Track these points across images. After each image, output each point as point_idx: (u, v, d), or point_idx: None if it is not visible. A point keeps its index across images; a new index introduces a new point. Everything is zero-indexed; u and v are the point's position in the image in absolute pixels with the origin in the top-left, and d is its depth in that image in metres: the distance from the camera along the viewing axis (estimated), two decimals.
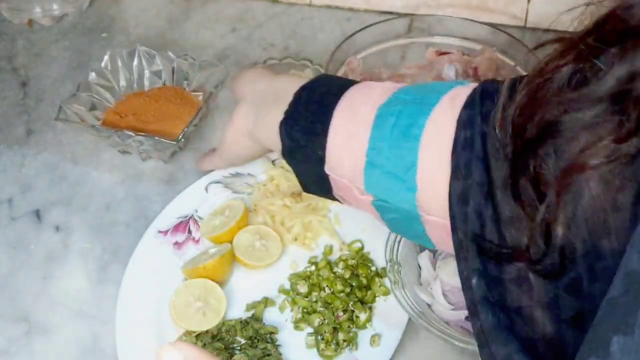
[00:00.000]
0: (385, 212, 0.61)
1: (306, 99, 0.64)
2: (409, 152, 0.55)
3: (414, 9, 1.08)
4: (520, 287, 0.47)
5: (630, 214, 0.41)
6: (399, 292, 0.72)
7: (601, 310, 0.36)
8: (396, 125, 0.57)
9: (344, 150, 0.60)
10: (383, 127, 0.57)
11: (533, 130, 0.45)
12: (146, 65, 0.98)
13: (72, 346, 0.77)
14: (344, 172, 0.61)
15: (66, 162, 0.95)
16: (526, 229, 0.46)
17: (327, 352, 0.74)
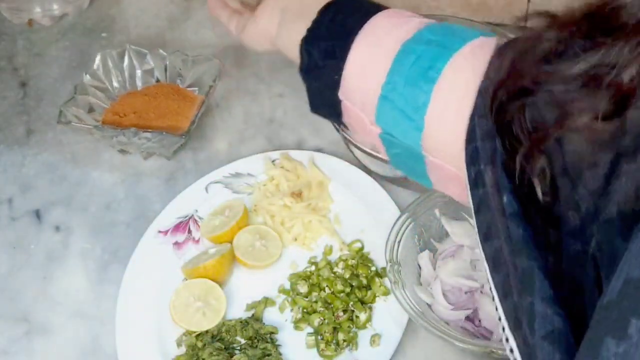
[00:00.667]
0: (390, 147, 0.61)
1: (330, 17, 0.62)
2: (422, 92, 0.56)
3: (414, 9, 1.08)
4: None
5: (606, 169, 0.43)
6: (399, 292, 0.72)
7: (596, 314, 0.37)
8: (415, 64, 0.57)
9: (361, 79, 0.60)
10: (402, 64, 0.57)
11: (510, 90, 0.47)
12: (137, 64, 0.99)
13: (72, 346, 0.77)
14: (357, 101, 0.61)
15: (66, 162, 0.95)
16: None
17: (327, 352, 0.74)
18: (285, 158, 0.90)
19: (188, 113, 0.93)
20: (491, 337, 0.72)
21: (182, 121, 0.92)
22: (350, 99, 0.61)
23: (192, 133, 0.93)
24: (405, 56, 0.57)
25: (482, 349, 0.68)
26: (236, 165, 0.91)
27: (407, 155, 0.60)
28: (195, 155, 0.94)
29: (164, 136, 0.89)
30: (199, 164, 0.93)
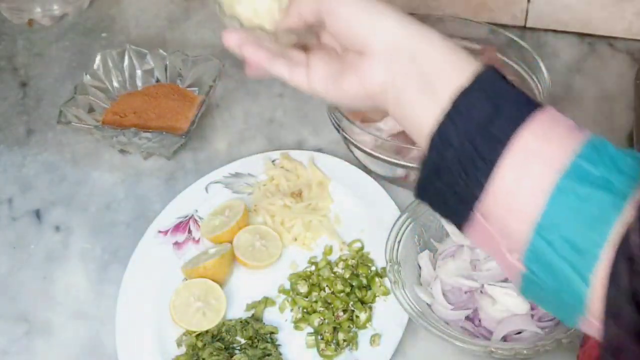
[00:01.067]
0: (533, 287, 0.52)
1: (467, 114, 0.52)
2: (591, 244, 0.48)
3: (414, 9, 1.08)
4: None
5: None
6: (399, 292, 0.72)
7: None
8: (581, 210, 0.48)
9: (509, 205, 0.51)
10: (563, 205, 0.49)
11: None
12: (137, 64, 0.99)
13: (72, 346, 0.77)
14: (498, 226, 0.52)
15: (66, 162, 0.95)
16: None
17: (327, 352, 0.74)
18: (285, 158, 0.90)
19: (188, 113, 0.93)
20: (491, 337, 0.72)
21: (182, 121, 0.92)
22: (489, 219, 0.52)
23: (192, 133, 0.93)
24: (566, 196, 0.49)
25: (482, 349, 0.68)
26: (236, 165, 0.91)
27: (556, 304, 0.52)
28: (195, 155, 0.94)
29: (164, 136, 0.89)
30: (199, 164, 0.94)
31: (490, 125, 0.51)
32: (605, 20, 1.03)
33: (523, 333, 0.71)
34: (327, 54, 0.61)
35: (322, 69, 0.60)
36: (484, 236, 0.54)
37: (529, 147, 0.50)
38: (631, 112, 0.93)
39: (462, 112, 0.52)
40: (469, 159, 0.52)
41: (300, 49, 0.62)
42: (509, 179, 0.50)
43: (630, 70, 1.00)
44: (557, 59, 1.03)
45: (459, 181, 0.53)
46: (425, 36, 0.56)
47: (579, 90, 0.99)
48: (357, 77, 0.57)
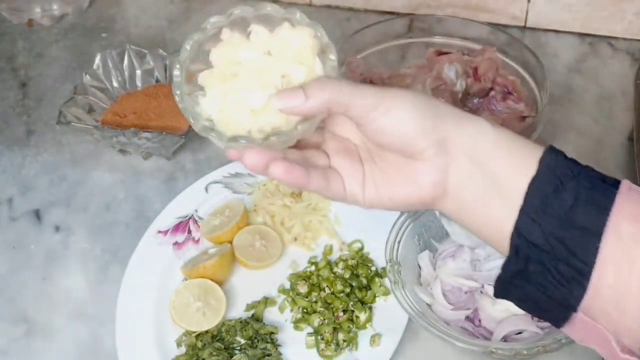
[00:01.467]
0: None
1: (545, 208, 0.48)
2: None
3: (414, 9, 1.08)
4: None
5: None
6: (399, 292, 0.72)
7: None
8: None
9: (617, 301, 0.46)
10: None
11: None
12: (137, 64, 0.99)
13: (72, 346, 0.77)
14: (606, 321, 0.47)
15: (66, 163, 0.95)
16: None
17: (327, 352, 0.74)
18: None
19: None
20: (491, 337, 0.72)
21: (182, 121, 0.92)
22: (590, 313, 0.48)
23: (192, 133, 0.93)
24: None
25: (482, 349, 0.68)
26: (236, 165, 0.91)
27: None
28: (195, 155, 0.94)
29: (163, 136, 0.89)
30: (198, 164, 0.94)
31: (575, 217, 0.47)
32: (605, 20, 1.03)
33: (523, 333, 0.71)
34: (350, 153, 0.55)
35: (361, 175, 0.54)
36: (589, 332, 0.49)
37: (622, 233, 0.46)
38: (631, 112, 0.93)
39: (538, 207, 0.48)
40: (560, 258, 0.47)
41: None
42: (612, 273, 0.46)
43: (630, 70, 1.00)
44: (557, 59, 1.03)
45: (552, 282, 0.48)
46: (480, 131, 0.51)
47: (579, 90, 0.99)
48: (409, 185, 0.53)
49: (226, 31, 0.53)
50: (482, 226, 0.51)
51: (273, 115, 0.50)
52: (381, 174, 0.54)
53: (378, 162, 0.55)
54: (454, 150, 0.51)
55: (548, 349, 0.66)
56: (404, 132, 0.51)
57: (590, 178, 0.48)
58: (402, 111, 0.51)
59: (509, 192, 0.49)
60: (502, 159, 0.50)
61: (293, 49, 0.51)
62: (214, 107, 0.52)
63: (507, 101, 0.88)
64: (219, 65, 0.53)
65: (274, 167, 0.51)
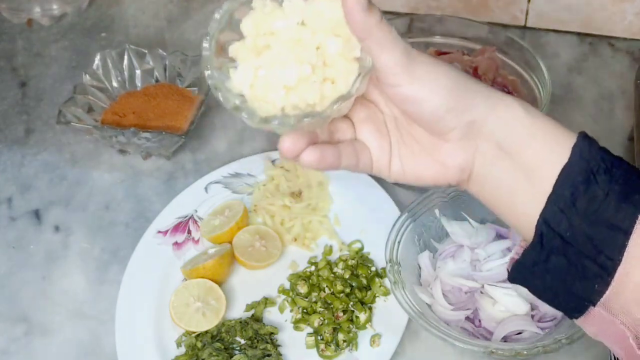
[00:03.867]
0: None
1: (575, 199, 0.47)
2: None
3: (414, 9, 1.08)
4: None
5: None
6: (399, 292, 0.72)
7: None
8: None
9: (638, 297, 0.46)
10: None
11: None
12: (137, 64, 0.99)
13: (72, 346, 0.77)
14: (626, 317, 0.47)
15: (66, 162, 0.95)
16: None
17: (327, 352, 0.74)
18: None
19: (187, 113, 0.93)
20: (491, 338, 0.72)
21: (182, 121, 0.92)
22: (610, 309, 0.47)
23: (192, 133, 0.93)
24: None
25: (482, 349, 0.68)
26: (236, 165, 0.91)
27: None
28: (194, 155, 0.94)
29: (163, 136, 0.89)
30: (198, 164, 0.93)
31: (605, 213, 0.46)
32: (605, 20, 1.03)
33: (523, 333, 0.71)
34: (377, 125, 0.53)
35: (388, 150, 0.53)
36: (606, 327, 0.48)
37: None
38: (631, 112, 0.93)
39: (567, 196, 0.47)
40: (586, 253, 0.46)
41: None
42: (636, 270, 0.45)
43: (630, 70, 1.00)
44: (557, 59, 1.03)
45: (574, 276, 0.47)
46: (510, 114, 0.50)
47: (579, 90, 0.99)
48: (437, 165, 0.51)
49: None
50: (508, 210, 0.50)
51: (307, 91, 0.48)
52: (407, 150, 0.53)
53: (405, 135, 0.53)
54: (484, 134, 0.49)
55: (548, 349, 0.66)
56: (436, 107, 0.49)
57: (623, 172, 0.47)
58: (435, 84, 0.48)
59: (538, 179, 0.48)
60: (533, 146, 0.49)
61: (328, 20, 0.48)
62: (245, 82, 0.49)
63: None
64: (251, 36, 0.50)
65: (307, 155, 0.49)
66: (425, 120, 0.50)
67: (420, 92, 0.48)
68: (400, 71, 0.48)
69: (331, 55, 0.48)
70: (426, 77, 0.49)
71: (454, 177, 0.52)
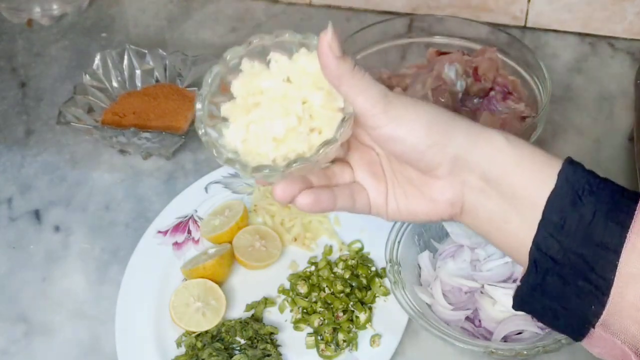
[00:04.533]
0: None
1: (564, 223, 0.47)
2: None
3: (414, 9, 1.08)
4: None
5: None
6: (399, 292, 0.72)
7: None
8: None
9: (635, 315, 0.46)
10: None
11: None
12: (137, 64, 0.99)
13: (72, 346, 0.77)
14: (625, 336, 0.47)
15: (65, 162, 0.95)
16: None
17: (327, 352, 0.74)
18: None
19: (187, 113, 0.93)
20: (491, 338, 0.72)
21: (182, 121, 0.92)
22: (609, 329, 0.48)
23: (192, 133, 0.93)
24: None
25: (482, 349, 0.68)
26: None
27: None
28: (194, 155, 0.94)
29: (163, 136, 0.89)
30: (198, 164, 0.93)
31: (594, 233, 0.46)
32: (605, 20, 1.03)
33: (523, 333, 0.71)
34: (372, 167, 0.55)
35: (383, 191, 0.55)
36: (607, 347, 0.49)
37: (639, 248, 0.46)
38: (631, 112, 0.93)
39: (556, 221, 0.47)
40: (580, 273, 0.47)
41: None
42: (632, 289, 0.46)
43: (630, 70, 1.00)
44: (557, 59, 1.03)
45: (571, 298, 0.48)
46: (494, 147, 0.51)
47: (579, 90, 0.99)
48: (427, 202, 0.53)
49: (246, 61, 0.54)
50: (502, 239, 0.51)
51: (296, 142, 0.51)
52: (401, 189, 0.54)
53: (398, 176, 0.55)
54: (469, 168, 0.51)
55: (548, 349, 0.66)
56: (415, 144, 0.50)
57: (609, 192, 0.48)
58: (413, 122, 0.50)
59: (527, 207, 0.49)
60: (519, 176, 0.50)
61: (311, 75, 0.51)
62: (237, 138, 0.53)
63: (507, 101, 0.88)
64: (241, 96, 0.53)
65: (301, 198, 0.52)
66: (410, 158, 0.52)
67: (398, 130, 0.50)
68: (378, 112, 0.50)
69: (316, 108, 0.51)
70: (404, 116, 0.50)
71: (446, 212, 0.53)
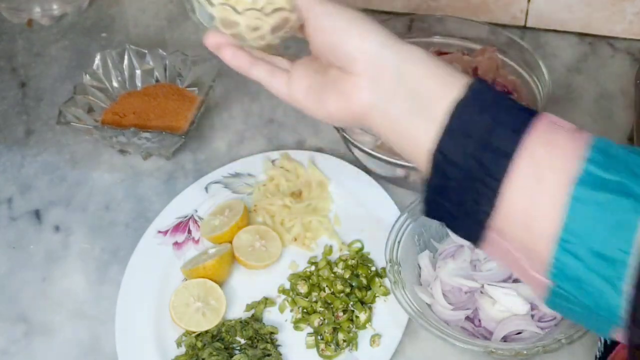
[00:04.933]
0: (562, 301, 0.50)
1: (467, 127, 0.50)
2: (619, 252, 0.46)
3: (414, 9, 1.08)
4: None
5: None
6: (399, 292, 0.72)
7: None
8: (602, 219, 0.47)
9: (525, 222, 0.49)
10: (583, 216, 0.47)
11: None
12: (137, 64, 0.99)
13: (72, 346, 0.77)
14: (515, 241, 0.50)
15: (65, 163, 0.95)
16: None
17: (327, 352, 0.74)
18: (285, 158, 0.90)
19: (187, 113, 0.93)
20: (491, 337, 0.72)
21: (182, 121, 0.92)
22: (504, 235, 0.51)
23: (192, 133, 0.93)
24: (583, 206, 0.47)
25: (482, 349, 0.68)
26: (236, 165, 0.91)
27: (587, 316, 0.50)
28: (194, 155, 0.94)
29: (163, 136, 0.89)
30: (198, 164, 0.93)
31: (493, 138, 0.49)
32: (605, 20, 1.03)
33: (523, 333, 0.71)
34: (313, 64, 0.59)
35: (305, 79, 0.59)
36: (503, 253, 0.52)
37: (535, 156, 0.48)
38: (631, 112, 0.93)
39: (461, 127, 0.50)
40: (476, 176, 0.50)
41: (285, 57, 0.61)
42: (520, 193, 0.48)
43: (630, 70, 1.00)
44: (557, 59, 1.03)
45: (468, 200, 0.51)
46: (411, 54, 0.54)
47: (579, 90, 0.99)
48: (341, 96, 0.56)
49: None
50: (406, 142, 0.54)
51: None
52: (323, 86, 0.57)
53: (324, 75, 0.58)
54: (383, 68, 0.54)
55: (548, 349, 0.66)
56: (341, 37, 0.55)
57: (510, 105, 0.51)
58: (344, 20, 0.55)
59: (434, 111, 0.51)
60: (431, 83, 0.52)
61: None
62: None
63: None
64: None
65: (223, 51, 0.59)
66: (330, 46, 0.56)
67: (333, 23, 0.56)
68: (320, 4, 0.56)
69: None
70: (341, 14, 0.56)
71: (358, 110, 0.55)
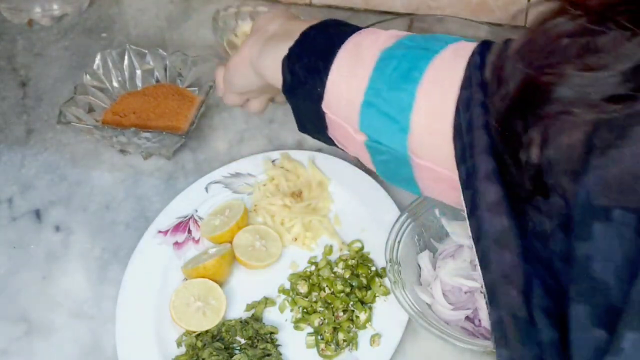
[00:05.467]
0: (376, 154, 0.61)
1: (312, 37, 0.64)
2: (406, 93, 0.56)
3: (414, 9, 1.08)
4: None
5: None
6: (399, 292, 0.72)
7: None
8: (397, 67, 0.57)
9: (343, 89, 0.61)
10: (384, 69, 0.58)
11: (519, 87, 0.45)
12: (137, 64, 0.99)
13: (72, 346, 0.77)
14: (340, 111, 0.62)
15: (66, 162, 0.95)
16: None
17: (327, 352, 0.74)
18: (285, 158, 0.90)
19: (188, 113, 0.93)
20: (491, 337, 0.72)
21: (182, 121, 0.92)
22: (333, 110, 0.62)
23: (192, 133, 0.93)
24: (386, 62, 0.58)
25: (482, 349, 0.68)
26: (236, 165, 0.91)
27: (393, 160, 0.60)
28: (195, 155, 0.94)
29: (163, 136, 0.89)
30: (198, 164, 0.94)
31: (331, 38, 0.63)
32: None
33: None
34: None
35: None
36: (339, 130, 0.63)
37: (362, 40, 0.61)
38: None
39: (307, 37, 0.64)
40: (313, 65, 0.62)
41: None
42: (343, 67, 0.61)
43: None
44: None
45: (308, 87, 0.63)
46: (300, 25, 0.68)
47: None
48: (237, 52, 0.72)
49: None
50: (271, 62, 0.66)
51: None
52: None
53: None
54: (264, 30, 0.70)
55: None
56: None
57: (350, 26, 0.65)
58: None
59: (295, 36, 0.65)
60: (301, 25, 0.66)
61: None
62: None
63: None
64: None
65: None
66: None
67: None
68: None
69: None
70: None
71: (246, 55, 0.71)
